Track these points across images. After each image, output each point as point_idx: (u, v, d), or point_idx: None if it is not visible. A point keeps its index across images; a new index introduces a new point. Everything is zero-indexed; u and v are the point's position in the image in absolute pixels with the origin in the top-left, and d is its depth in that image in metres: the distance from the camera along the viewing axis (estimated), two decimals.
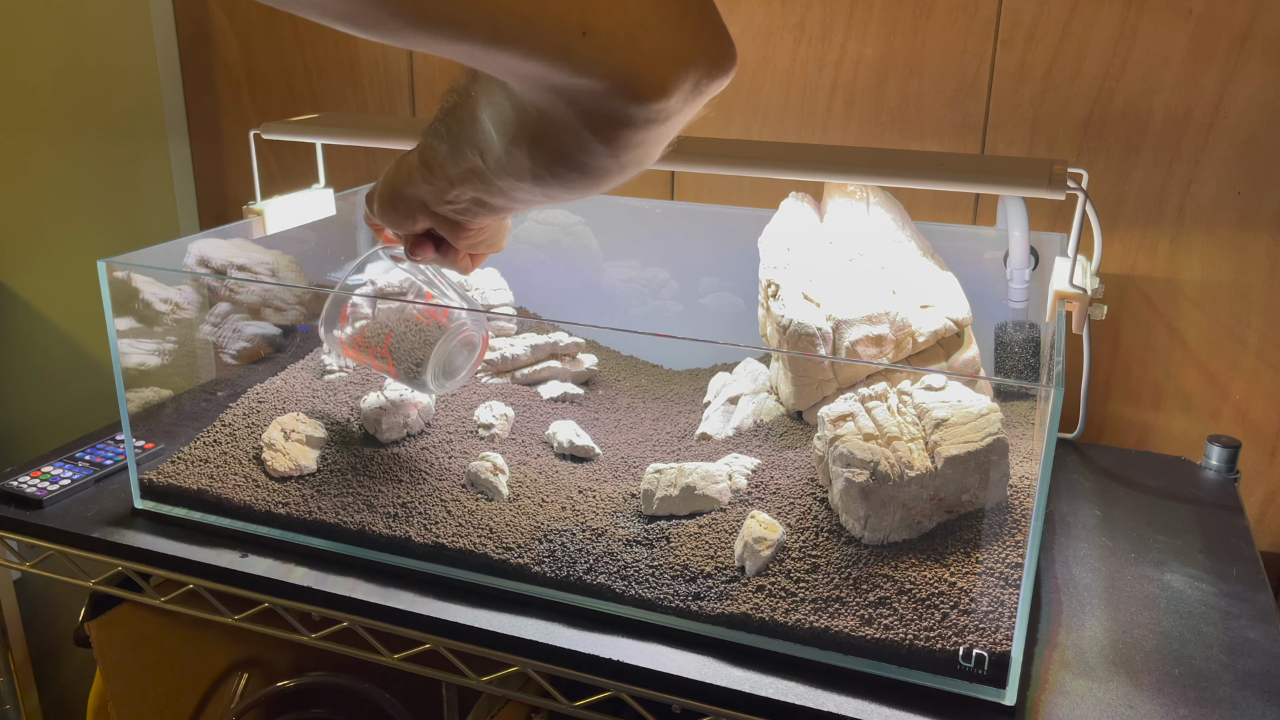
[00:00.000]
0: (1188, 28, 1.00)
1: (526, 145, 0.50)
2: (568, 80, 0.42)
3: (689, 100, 0.45)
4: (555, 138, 0.48)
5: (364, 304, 0.92)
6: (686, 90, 0.44)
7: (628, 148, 0.47)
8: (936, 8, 1.07)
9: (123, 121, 1.44)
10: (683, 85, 0.43)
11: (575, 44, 0.40)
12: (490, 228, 0.66)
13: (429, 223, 0.64)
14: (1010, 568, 0.70)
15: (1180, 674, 0.71)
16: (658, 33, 0.41)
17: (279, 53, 1.38)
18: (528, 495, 0.84)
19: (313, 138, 1.04)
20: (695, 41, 0.43)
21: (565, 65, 0.41)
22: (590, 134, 0.46)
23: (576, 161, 0.49)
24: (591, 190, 0.53)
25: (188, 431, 0.95)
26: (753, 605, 0.72)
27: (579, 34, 0.39)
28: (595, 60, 0.41)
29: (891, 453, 0.72)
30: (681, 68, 0.43)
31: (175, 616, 0.93)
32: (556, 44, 0.40)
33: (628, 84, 0.42)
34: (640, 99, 0.43)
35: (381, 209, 0.65)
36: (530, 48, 0.40)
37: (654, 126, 0.45)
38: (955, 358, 0.90)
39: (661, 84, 0.42)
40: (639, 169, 0.51)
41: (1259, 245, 1.03)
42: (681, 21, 0.42)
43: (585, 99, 0.43)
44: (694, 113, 0.47)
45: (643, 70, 0.42)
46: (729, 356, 1.07)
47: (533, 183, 0.52)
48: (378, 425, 0.89)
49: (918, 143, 1.12)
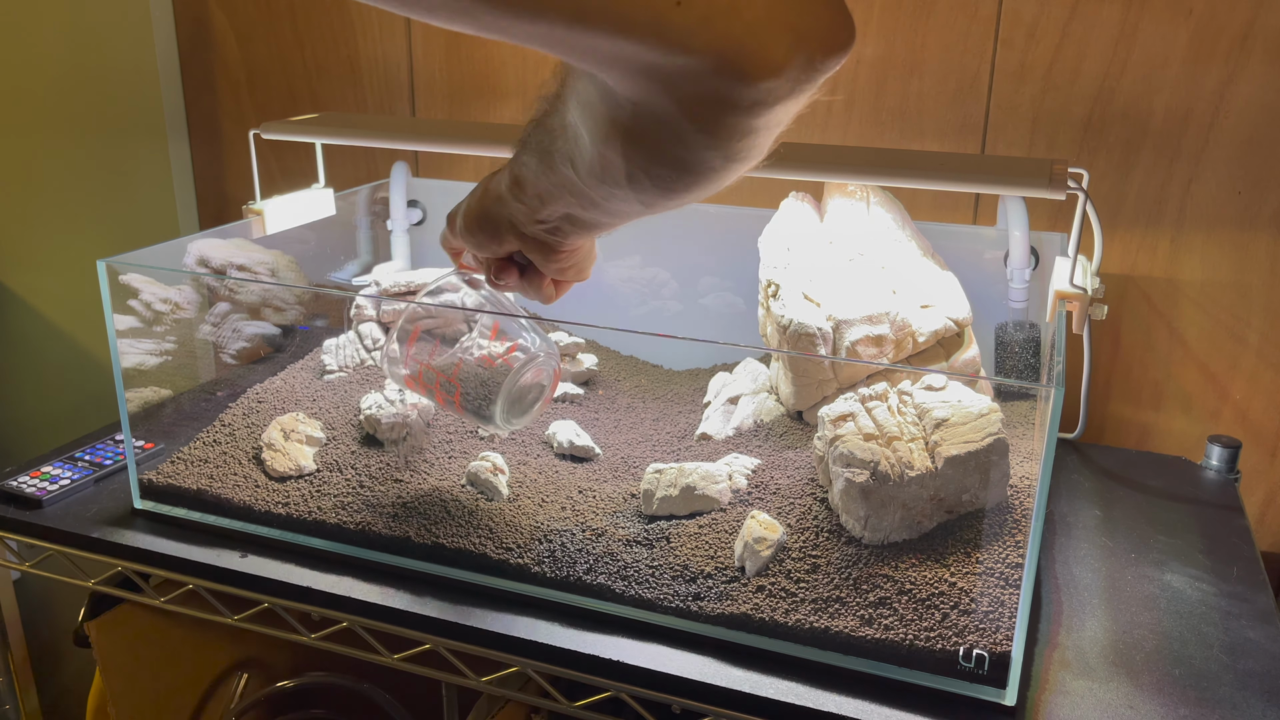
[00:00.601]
0: (1188, 28, 1.00)
1: (620, 144, 0.44)
2: (662, 59, 0.36)
3: (802, 80, 0.39)
4: (651, 133, 0.42)
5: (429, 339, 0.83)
6: (799, 66, 0.38)
7: (733, 138, 0.41)
8: (936, 8, 1.07)
9: (122, 121, 1.44)
10: (794, 60, 0.37)
11: (669, 14, 0.35)
12: (580, 251, 0.62)
13: (516, 245, 0.60)
14: (1010, 568, 0.70)
15: (1180, 674, 0.71)
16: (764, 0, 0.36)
17: (279, 53, 1.37)
18: (528, 495, 0.84)
19: (312, 138, 1.04)
20: (808, 10, 0.37)
21: (659, 41, 0.35)
22: (690, 123, 0.40)
23: (675, 158, 0.43)
24: (692, 194, 0.47)
25: (187, 431, 0.95)
26: (753, 605, 0.72)
27: (672, 3, 0.34)
28: (692, 33, 0.35)
29: (892, 453, 0.72)
30: (792, 39, 0.37)
31: (175, 616, 0.93)
32: (647, 15, 0.35)
33: (731, 59, 0.36)
34: (746, 77, 0.37)
35: (466, 229, 0.61)
36: (618, 24, 0.35)
37: (762, 111, 0.39)
38: (955, 358, 0.90)
39: (770, 58, 0.37)
40: (745, 166, 0.45)
41: (1259, 245, 1.03)
42: None
43: (683, 81, 0.38)
44: (806, 98, 0.41)
45: (747, 43, 0.36)
46: (729, 356, 1.07)
47: (629, 187, 0.47)
48: (378, 425, 0.89)
49: (918, 143, 1.12)
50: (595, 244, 0.67)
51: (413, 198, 1.24)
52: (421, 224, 1.25)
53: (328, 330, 1.10)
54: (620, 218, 0.55)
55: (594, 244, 0.66)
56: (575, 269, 0.65)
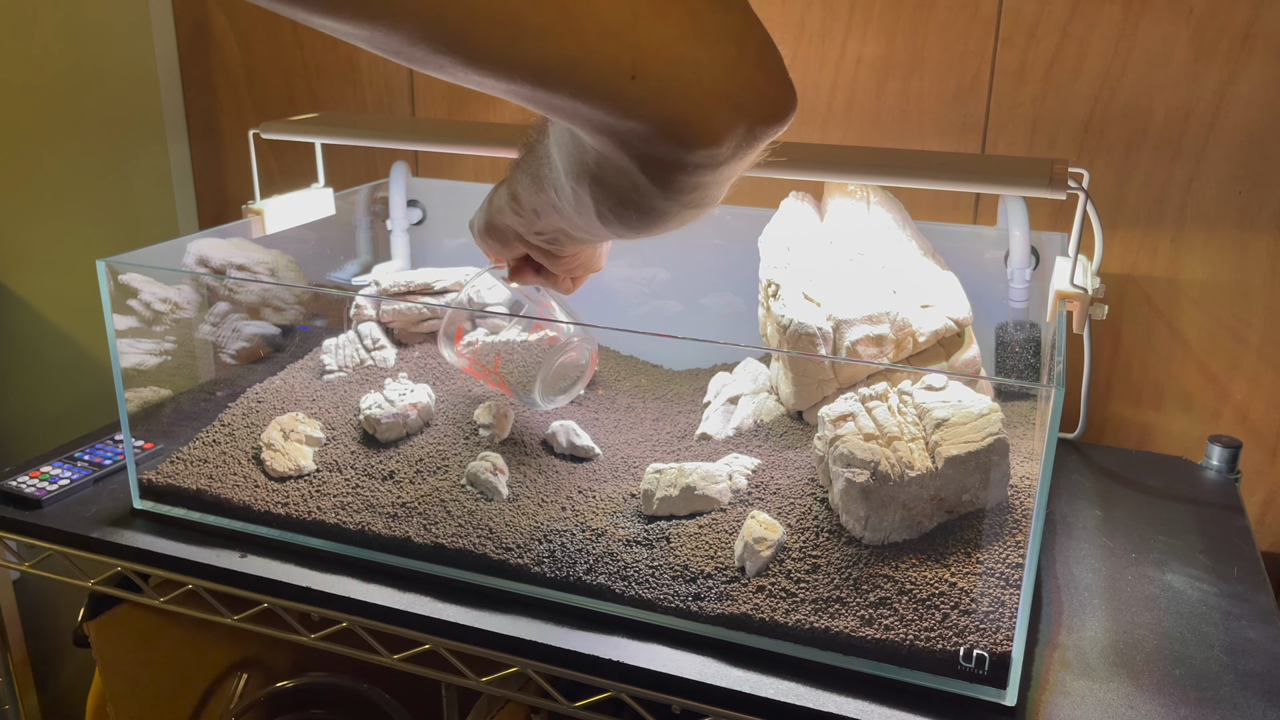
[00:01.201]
0: (1188, 27, 0.99)
1: (589, 185, 0.49)
2: (616, 123, 0.40)
3: (743, 146, 0.43)
4: (614, 179, 0.47)
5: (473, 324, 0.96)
6: (739, 136, 0.42)
7: (683, 191, 0.46)
8: (936, 7, 1.07)
9: (122, 121, 1.44)
10: (734, 132, 0.41)
11: (624, 87, 0.38)
12: (583, 254, 0.66)
13: (524, 250, 0.66)
14: (1011, 568, 0.69)
15: (1181, 674, 0.71)
16: (710, 77, 0.40)
17: (278, 52, 1.37)
18: (527, 495, 0.84)
19: (312, 137, 1.04)
20: (749, 87, 0.41)
21: (615, 107, 0.39)
22: (644, 177, 0.45)
23: (634, 203, 0.48)
24: (654, 230, 0.52)
25: (187, 431, 0.95)
26: (753, 605, 0.72)
27: (628, 77, 0.38)
28: (644, 104, 0.39)
29: (892, 453, 0.72)
30: (733, 114, 0.41)
31: (174, 617, 0.93)
32: (605, 87, 0.38)
33: (676, 130, 0.40)
34: (690, 145, 0.41)
35: (480, 237, 0.67)
36: (579, 90, 0.39)
37: (707, 172, 0.44)
38: (956, 358, 0.90)
39: (711, 130, 0.41)
40: (699, 211, 0.49)
41: (1260, 245, 1.03)
42: (736, 66, 0.40)
43: (636, 142, 0.42)
44: (754, 157, 0.45)
45: (692, 116, 0.40)
46: (729, 356, 1.07)
47: (599, 222, 0.51)
48: (377, 425, 0.89)
49: (918, 143, 1.12)
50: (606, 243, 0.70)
51: (412, 197, 1.23)
52: (421, 224, 1.25)
53: (327, 330, 1.10)
54: (601, 239, 0.61)
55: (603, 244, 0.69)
56: (583, 267, 0.69)
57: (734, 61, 0.40)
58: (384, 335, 1.06)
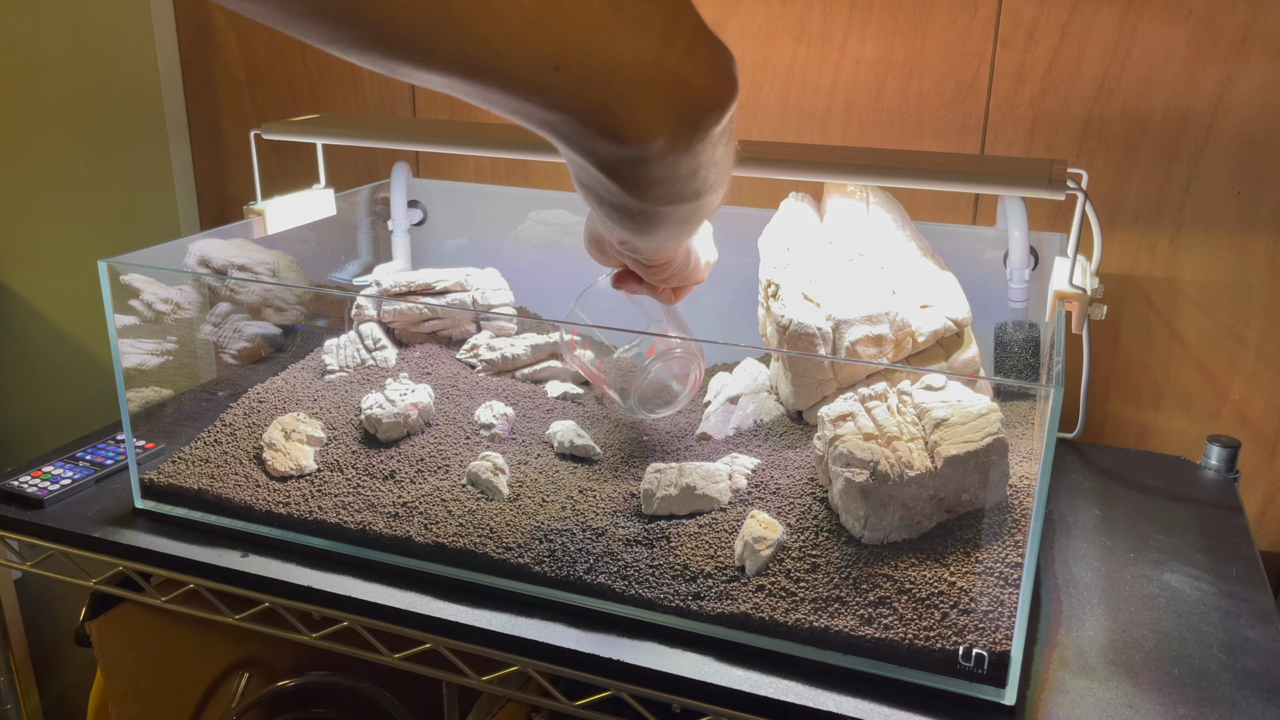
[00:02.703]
0: (1188, 28, 1.00)
1: (582, 189, 0.48)
2: (547, 115, 0.39)
3: (684, 137, 0.41)
4: (586, 179, 0.46)
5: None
6: (673, 126, 0.40)
7: (640, 186, 0.44)
8: (936, 8, 1.07)
9: (123, 121, 1.44)
10: (665, 123, 0.40)
11: (549, 78, 0.37)
12: (674, 263, 0.66)
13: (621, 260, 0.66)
14: (1010, 567, 0.70)
15: (1180, 673, 0.71)
16: (634, 69, 0.38)
17: (279, 53, 1.38)
18: (528, 495, 0.84)
19: (313, 138, 1.04)
20: (676, 78, 0.39)
21: (541, 100, 0.38)
22: (600, 174, 0.44)
23: (611, 203, 0.47)
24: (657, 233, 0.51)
25: (188, 431, 0.95)
26: (753, 605, 0.72)
27: (551, 68, 0.37)
28: (569, 96, 0.38)
29: (891, 452, 0.72)
30: (659, 106, 0.39)
31: (176, 616, 0.93)
32: (530, 79, 0.37)
33: (602, 122, 0.39)
34: (619, 138, 0.40)
35: (587, 245, 0.67)
36: (504, 81, 0.37)
37: (652, 165, 0.42)
38: (955, 358, 0.90)
39: (637, 122, 0.39)
40: (682, 208, 0.48)
41: (1259, 245, 1.03)
42: (662, 57, 0.39)
43: (572, 135, 0.41)
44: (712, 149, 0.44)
45: (616, 108, 0.39)
46: (729, 356, 1.07)
47: (609, 225, 0.51)
48: (378, 425, 0.90)
49: (918, 143, 1.12)
50: (694, 251, 0.68)
51: (413, 198, 1.24)
52: (422, 224, 1.25)
53: (329, 330, 1.10)
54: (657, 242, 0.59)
55: (690, 252, 0.68)
56: (677, 277, 0.68)
57: (659, 52, 0.39)
58: (385, 335, 1.06)
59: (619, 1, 0.37)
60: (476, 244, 1.26)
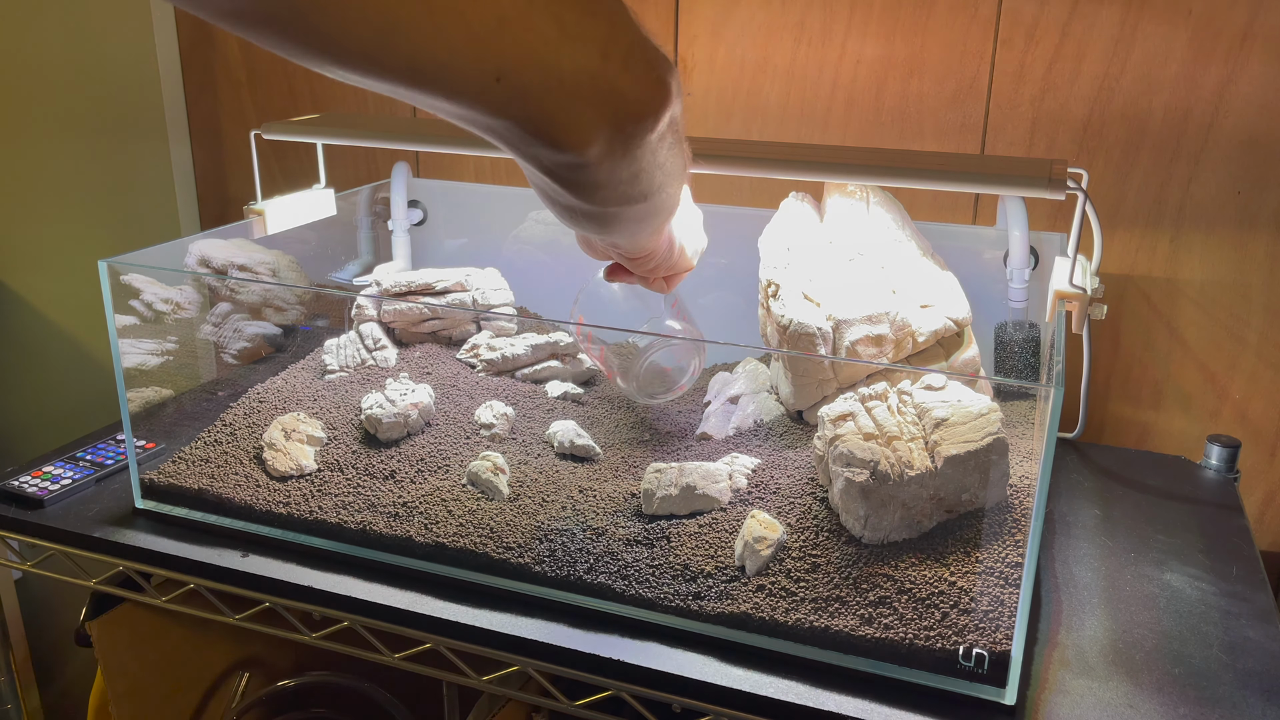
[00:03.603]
0: (1188, 28, 1.00)
1: (538, 192, 0.50)
2: (490, 121, 0.41)
3: (619, 143, 0.44)
4: (537, 182, 0.48)
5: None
6: (608, 134, 0.43)
7: (584, 189, 0.47)
8: (936, 8, 1.07)
9: (123, 121, 1.44)
10: (600, 131, 0.42)
11: (491, 89, 0.39)
12: (657, 254, 0.67)
13: (608, 254, 0.67)
14: (1010, 567, 0.70)
15: (1180, 673, 0.71)
16: (573, 81, 0.40)
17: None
18: (528, 495, 0.84)
19: (313, 138, 1.04)
20: (612, 90, 0.42)
21: (485, 108, 0.40)
22: (545, 178, 0.46)
23: (561, 205, 0.49)
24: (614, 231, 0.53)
25: (188, 431, 0.95)
26: (753, 605, 0.72)
27: (493, 80, 0.39)
28: (510, 105, 0.40)
29: (891, 452, 0.72)
30: (595, 116, 0.42)
31: (176, 616, 0.93)
32: (473, 89, 0.39)
33: (541, 130, 0.41)
34: (557, 145, 0.42)
35: (579, 244, 0.68)
36: (448, 90, 0.39)
37: (592, 170, 0.44)
38: (955, 357, 0.90)
39: (575, 131, 0.42)
40: (633, 208, 0.50)
41: (1259, 245, 1.03)
42: (600, 70, 0.41)
43: (514, 141, 0.43)
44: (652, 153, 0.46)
45: (556, 118, 0.41)
46: (729, 356, 1.07)
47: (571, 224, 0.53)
48: (378, 425, 0.90)
49: (918, 143, 1.12)
50: (676, 240, 0.69)
51: (413, 198, 1.24)
52: (422, 224, 1.25)
53: (329, 330, 1.10)
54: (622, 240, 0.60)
55: (673, 242, 0.69)
56: (663, 268, 0.69)
57: (596, 65, 0.41)
58: (385, 335, 1.06)
59: (559, 17, 0.39)
60: (476, 244, 1.26)
